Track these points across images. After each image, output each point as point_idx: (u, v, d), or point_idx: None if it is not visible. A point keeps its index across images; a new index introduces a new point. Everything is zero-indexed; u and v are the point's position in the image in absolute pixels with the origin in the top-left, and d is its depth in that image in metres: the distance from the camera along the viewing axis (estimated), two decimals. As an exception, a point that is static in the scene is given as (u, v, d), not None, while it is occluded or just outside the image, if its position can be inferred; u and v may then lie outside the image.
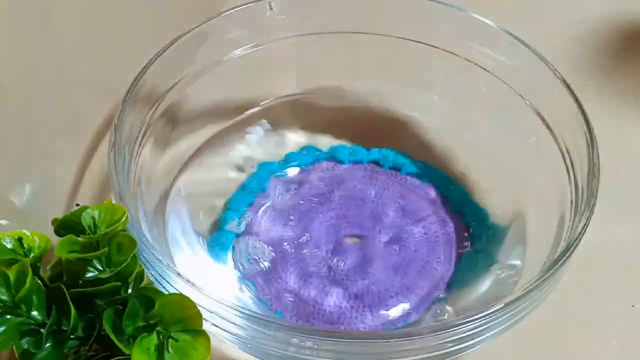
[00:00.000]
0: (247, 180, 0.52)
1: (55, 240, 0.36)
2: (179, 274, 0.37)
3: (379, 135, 0.54)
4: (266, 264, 0.47)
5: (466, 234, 0.49)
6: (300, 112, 0.55)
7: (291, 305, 0.45)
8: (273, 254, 0.48)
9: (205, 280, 0.44)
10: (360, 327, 0.44)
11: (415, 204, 0.50)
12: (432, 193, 0.51)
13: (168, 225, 0.47)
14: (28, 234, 0.36)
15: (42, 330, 0.33)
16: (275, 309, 0.45)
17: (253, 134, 0.53)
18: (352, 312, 0.45)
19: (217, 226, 0.49)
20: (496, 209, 0.48)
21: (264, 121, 0.54)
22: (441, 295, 0.46)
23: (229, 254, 0.48)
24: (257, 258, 0.48)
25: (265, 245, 0.48)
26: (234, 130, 0.53)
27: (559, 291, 0.40)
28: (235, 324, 0.36)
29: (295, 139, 0.54)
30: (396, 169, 0.53)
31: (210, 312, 0.36)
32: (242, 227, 0.49)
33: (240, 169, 0.52)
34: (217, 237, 0.48)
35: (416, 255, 0.48)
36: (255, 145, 0.53)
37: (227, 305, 0.36)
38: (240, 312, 0.36)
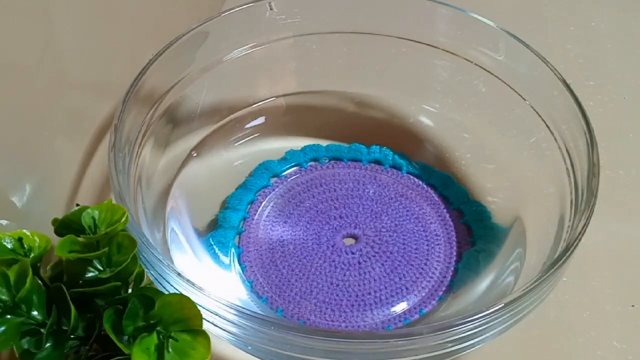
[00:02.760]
0: (247, 179, 0.52)
1: (55, 240, 0.36)
2: (179, 274, 0.37)
3: (378, 134, 0.54)
4: (266, 262, 0.47)
5: (466, 234, 0.49)
6: (300, 111, 0.55)
7: (292, 304, 0.45)
8: (273, 252, 0.48)
9: (205, 279, 0.44)
10: (361, 326, 0.44)
11: (415, 203, 0.50)
12: (432, 192, 0.51)
13: (168, 225, 0.47)
14: (28, 234, 0.36)
15: (42, 330, 0.33)
16: (275, 308, 0.45)
17: (253, 133, 0.53)
18: (352, 312, 0.45)
19: (217, 225, 0.49)
20: (496, 209, 0.48)
21: (264, 121, 0.54)
22: (441, 295, 0.46)
23: (229, 253, 0.48)
24: (256, 256, 0.48)
25: (265, 244, 0.48)
26: (234, 130, 0.53)
27: (558, 291, 0.40)
28: (235, 324, 0.36)
29: (295, 138, 0.54)
30: (396, 168, 0.53)
31: (210, 312, 0.36)
32: (242, 226, 0.49)
33: (240, 168, 0.52)
34: (217, 236, 0.48)
35: (416, 254, 0.48)
36: (255, 145, 0.53)
37: (227, 305, 0.36)
38: (240, 312, 0.36)
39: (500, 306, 0.36)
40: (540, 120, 0.48)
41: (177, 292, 0.37)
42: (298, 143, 0.54)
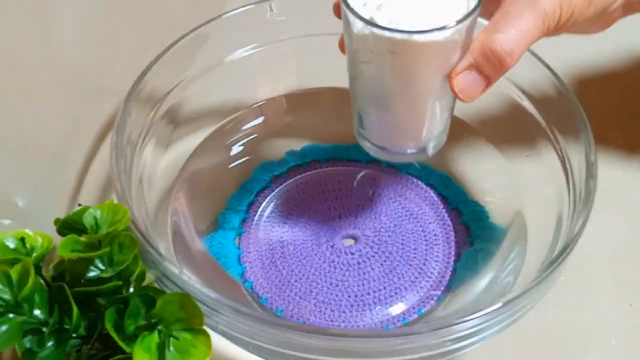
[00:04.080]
0: (247, 180, 0.52)
1: (57, 240, 0.36)
2: (180, 273, 0.37)
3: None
4: (266, 263, 0.48)
5: (465, 234, 0.49)
6: (300, 112, 0.55)
7: (291, 304, 0.46)
8: (273, 253, 0.48)
9: (206, 279, 0.45)
10: (360, 326, 0.45)
11: (414, 203, 0.51)
12: (431, 192, 0.51)
13: (169, 225, 0.47)
14: (31, 233, 0.36)
15: (44, 329, 0.33)
16: (275, 308, 0.46)
17: (253, 134, 0.53)
18: (352, 311, 0.45)
19: (218, 226, 0.49)
20: (494, 209, 0.49)
21: (264, 122, 0.54)
22: (440, 295, 0.46)
23: (229, 254, 0.48)
24: (256, 257, 0.48)
25: (265, 245, 0.48)
26: (235, 131, 0.53)
27: (557, 290, 0.40)
28: (235, 324, 0.37)
29: (294, 139, 0.54)
30: (395, 168, 0.53)
31: (211, 311, 0.36)
32: (242, 227, 0.50)
33: (240, 169, 0.52)
34: (217, 237, 0.48)
35: (415, 254, 0.48)
36: (255, 146, 0.53)
37: (227, 305, 0.36)
38: (240, 311, 0.36)
39: (498, 305, 0.36)
40: (540, 120, 0.48)
41: (178, 291, 0.37)
42: (298, 144, 0.54)
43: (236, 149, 0.53)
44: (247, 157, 0.53)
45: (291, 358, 0.38)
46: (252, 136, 0.53)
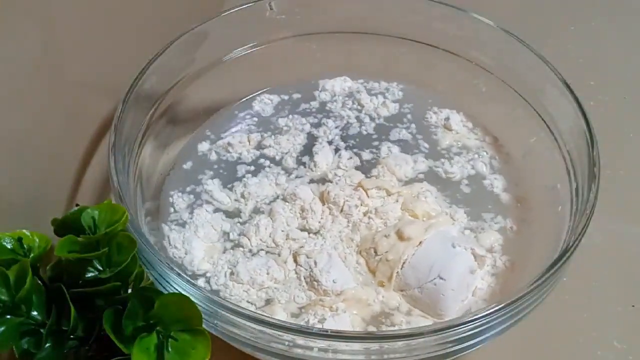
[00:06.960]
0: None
1: (55, 240, 0.36)
2: (179, 274, 0.37)
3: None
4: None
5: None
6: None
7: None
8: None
9: (205, 279, 0.44)
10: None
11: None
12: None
13: (168, 225, 0.47)
14: (28, 234, 0.36)
15: (42, 330, 0.33)
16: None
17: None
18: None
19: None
20: (496, 209, 0.48)
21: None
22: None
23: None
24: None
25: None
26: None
27: (559, 291, 0.40)
28: (235, 324, 0.36)
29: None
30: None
31: (210, 311, 0.36)
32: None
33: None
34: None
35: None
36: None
37: (227, 305, 0.36)
38: (240, 312, 0.36)
39: (500, 306, 0.36)
40: (540, 120, 0.48)
41: (176, 292, 0.37)
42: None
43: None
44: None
45: (290, 358, 0.37)
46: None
